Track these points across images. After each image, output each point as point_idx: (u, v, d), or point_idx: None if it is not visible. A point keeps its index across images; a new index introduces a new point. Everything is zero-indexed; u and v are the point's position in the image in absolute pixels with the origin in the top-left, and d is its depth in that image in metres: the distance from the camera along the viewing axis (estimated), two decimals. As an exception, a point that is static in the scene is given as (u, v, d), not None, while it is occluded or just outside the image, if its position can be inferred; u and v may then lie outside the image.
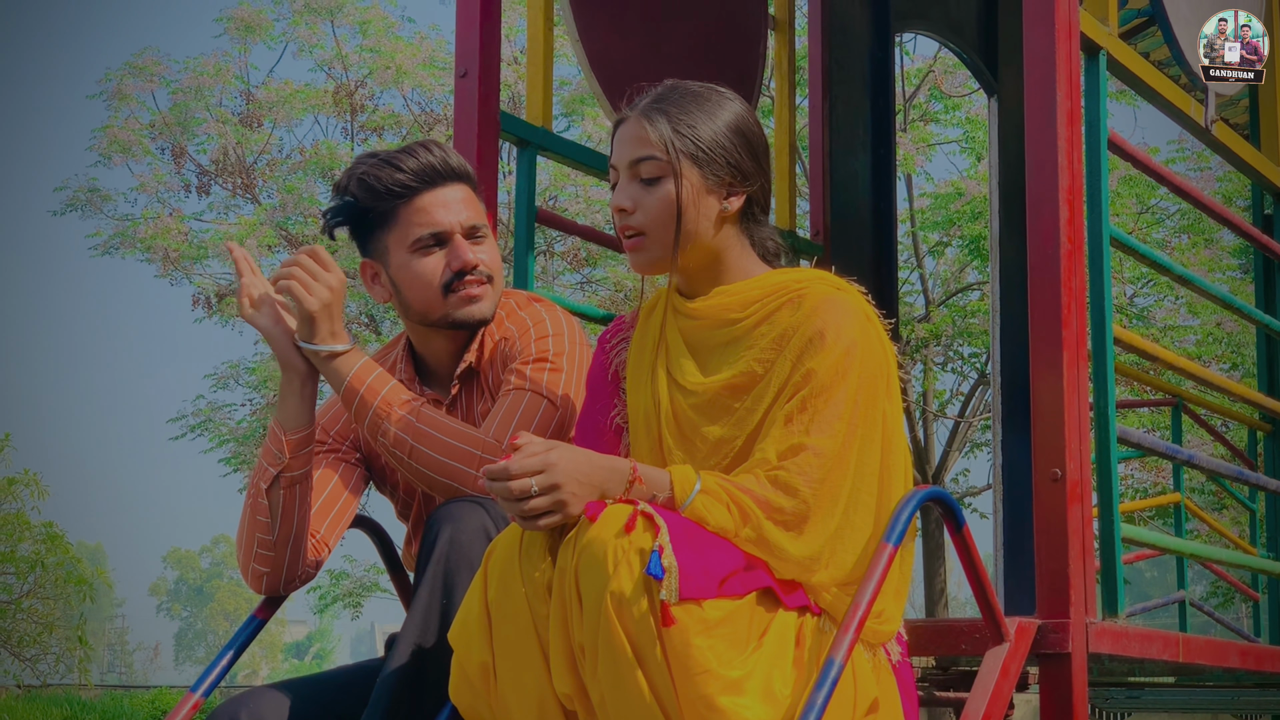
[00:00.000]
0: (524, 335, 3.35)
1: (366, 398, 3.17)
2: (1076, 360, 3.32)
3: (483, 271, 3.35)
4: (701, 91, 2.95)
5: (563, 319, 3.42)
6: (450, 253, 3.34)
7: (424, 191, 3.32)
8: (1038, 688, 3.34)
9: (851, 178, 5.46)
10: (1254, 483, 4.30)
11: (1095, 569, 3.38)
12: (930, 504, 2.86)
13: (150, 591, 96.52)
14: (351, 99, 18.69)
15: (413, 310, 3.38)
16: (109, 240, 18.89)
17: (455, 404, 3.42)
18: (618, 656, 2.57)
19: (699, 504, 2.70)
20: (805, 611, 2.72)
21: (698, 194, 2.88)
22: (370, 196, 3.33)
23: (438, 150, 3.35)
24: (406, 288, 3.36)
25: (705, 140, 2.88)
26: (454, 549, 2.98)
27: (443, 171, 3.34)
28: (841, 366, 2.77)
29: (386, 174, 3.31)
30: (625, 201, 2.92)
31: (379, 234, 3.37)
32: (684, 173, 2.87)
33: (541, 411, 3.23)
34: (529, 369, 3.28)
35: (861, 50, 5.61)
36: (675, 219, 2.88)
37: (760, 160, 2.96)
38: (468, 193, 3.38)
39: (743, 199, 2.93)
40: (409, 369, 3.48)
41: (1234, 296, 4.28)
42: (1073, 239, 3.35)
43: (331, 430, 3.48)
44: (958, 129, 17.18)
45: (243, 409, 19.30)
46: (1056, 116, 3.35)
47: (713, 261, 2.94)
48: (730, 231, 2.94)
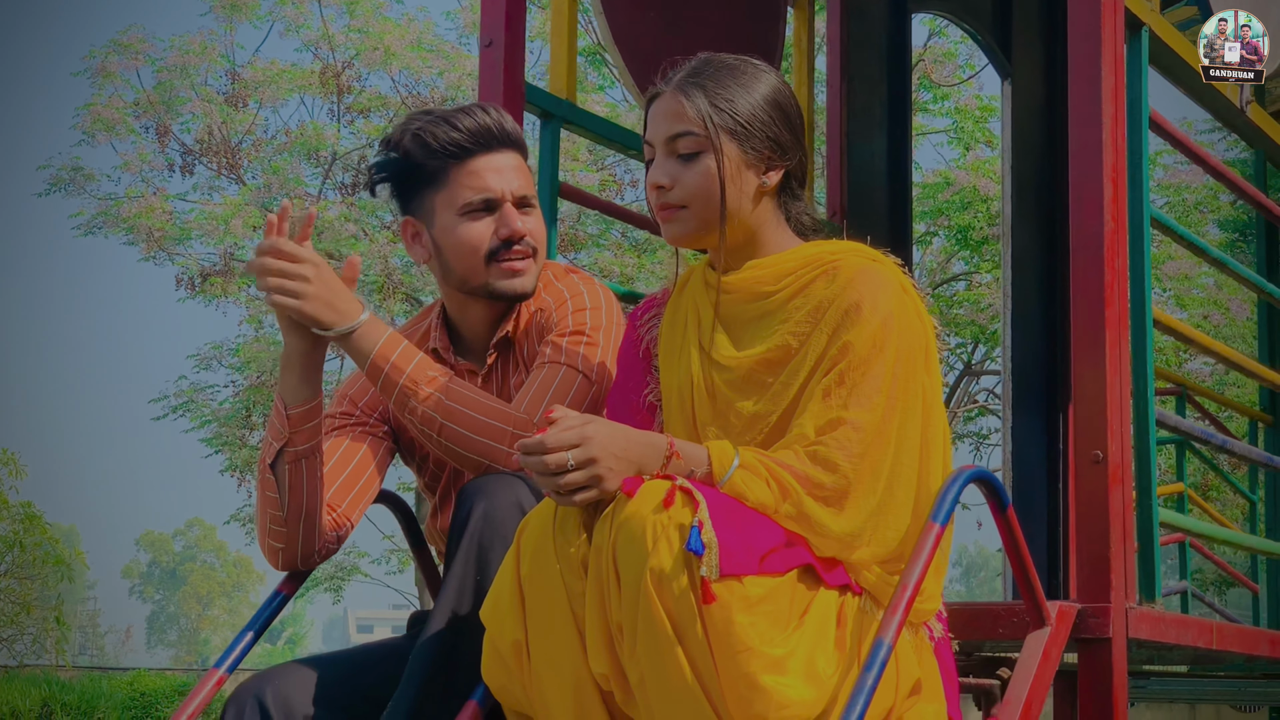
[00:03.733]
0: (560, 307, 3.28)
1: (392, 375, 3.10)
2: (1119, 340, 3.27)
3: (529, 243, 3.28)
4: (737, 64, 2.89)
5: (600, 292, 3.35)
6: (499, 220, 3.26)
7: (478, 154, 3.25)
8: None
9: (869, 157, 5.41)
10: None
11: (1134, 554, 3.33)
12: (975, 484, 2.80)
13: (123, 574, 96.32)
14: (338, 80, 18.63)
15: (453, 275, 3.31)
16: (92, 220, 18.84)
17: (490, 375, 3.36)
18: (657, 634, 2.51)
19: (738, 479, 2.64)
20: (846, 591, 2.67)
21: (737, 169, 2.82)
22: (424, 153, 3.25)
23: (494, 113, 3.28)
24: (450, 251, 3.28)
25: (743, 114, 2.82)
26: (487, 524, 2.91)
27: (498, 135, 3.27)
28: (879, 339, 2.71)
29: (443, 131, 3.23)
30: (663, 178, 2.85)
31: (426, 193, 3.29)
32: (723, 147, 2.81)
33: (576, 386, 3.16)
34: (565, 341, 3.21)
35: (879, 30, 5.56)
36: (714, 195, 2.82)
37: (797, 134, 2.89)
38: (520, 161, 3.31)
39: (781, 173, 2.87)
40: (444, 337, 3.40)
41: (1263, 279, 4.24)
42: (1116, 218, 3.30)
43: (360, 402, 3.40)
44: (947, 119, 17.17)
45: (225, 390, 19.26)
46: (1102, 92, 3.30)
47: (749, 238, 2.88)
48: (768, 206, 2.88)
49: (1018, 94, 5.91)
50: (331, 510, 3.24)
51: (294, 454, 3.10)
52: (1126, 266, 3.37)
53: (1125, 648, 3.23)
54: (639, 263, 16.74)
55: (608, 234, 17.63)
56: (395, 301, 17.16)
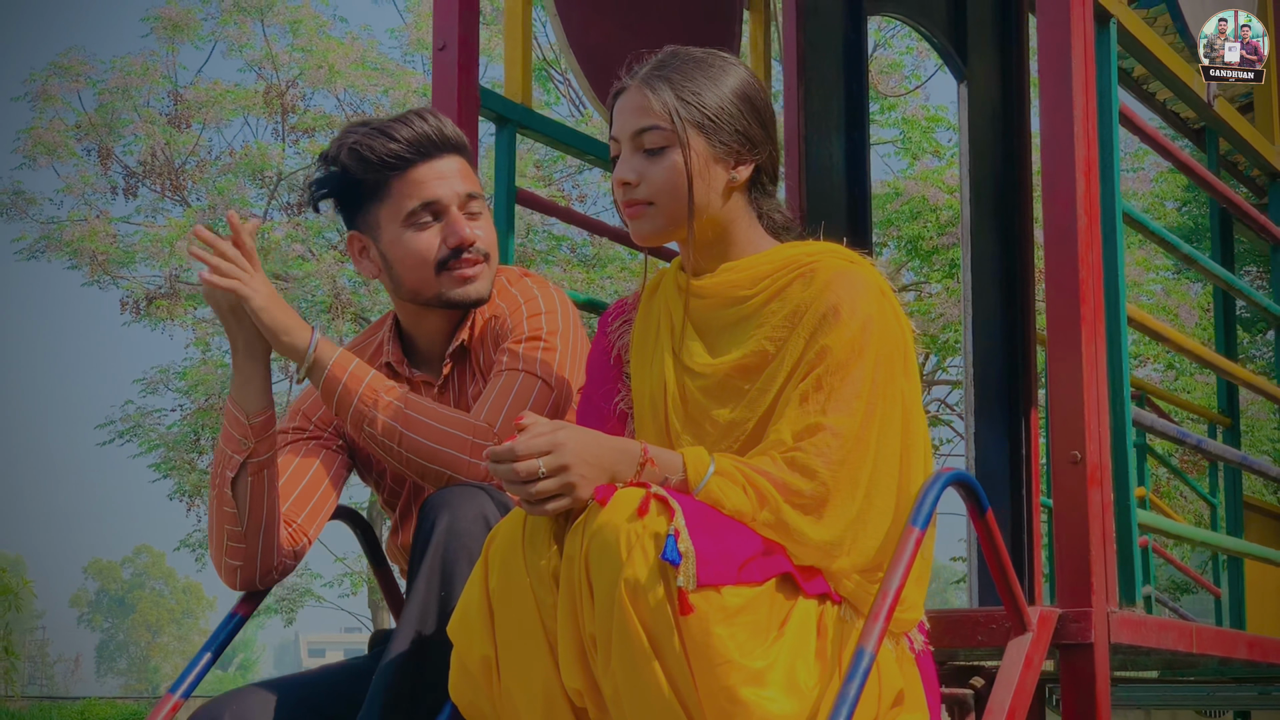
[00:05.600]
0: (515, 312, 3.21)
1: (350, 386, 3.02)
2: (1095, 338, 3.22)
3: (479, 249, 3.21)
4: (704, 57, 2.82)
5: (555, 295, 3.28)
6: (446, 228, 3.19)
7: (418, 163, 3.17)
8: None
9: (827, 160, 5.36)
10: (1256, 468, 4.20)
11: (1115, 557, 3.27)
12: (954, 487, 2.73)
13: (71, 603, 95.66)
14: (282, 99, 18.55)
15: (404, 288, 3.23)
16: (34, 244, 18.73)
17: (447, 385, 3.29)
18: (633, 647, 2.44)
19: (714, 486, 2.57)
20: (825, 599, 2.60)
21: (705, 163, 2.75)
22: (361, 167, 3.17)
23: (432, 119, 3.20)
24: (399, 264, 3.21)
25: (711, 107, 2.75)
26: (452, 537, 2.84)
27: (438, 141, 3.19)
28: (858, 343, 2.65)
29: (379, 143, 3.15)
30: (629, 174, 2.78)
31: (370, 206, 3.21)
32: (690, 141, 2.73)
33: (536, 392, 3.10)
34: (521, 348, 3.14)
35: (835, 32, 5.51)
36: (682, 190, 2.75)
37: (768, 128, 2.83)
38: (463, 164, 3.23)
39: (751, 168, 2.80)
40: (397, 351, 3.33)
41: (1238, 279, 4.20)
42: (1089, 212, 3.24)
43: (313, 416, 3.33)
44: (894, 129, 17.19)
45: (173, 414, 19.12)
46: (1072, 85, 3.24)
47: (719, 235, 2.81)
48: (738, 203, 2.81)
49: (973, 96, 5.87)
50: (289, 524, 3.17)
51: (256, 464, 3.03)
52: (1100, 263, 3.31)
53: (1108, 652, 3.17)
54: (588, 278, 16.68)
55: (557, 250, 17.58)
56: (344, 321, 17.05)
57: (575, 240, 17.37)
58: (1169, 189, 17.58)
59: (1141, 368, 16.61)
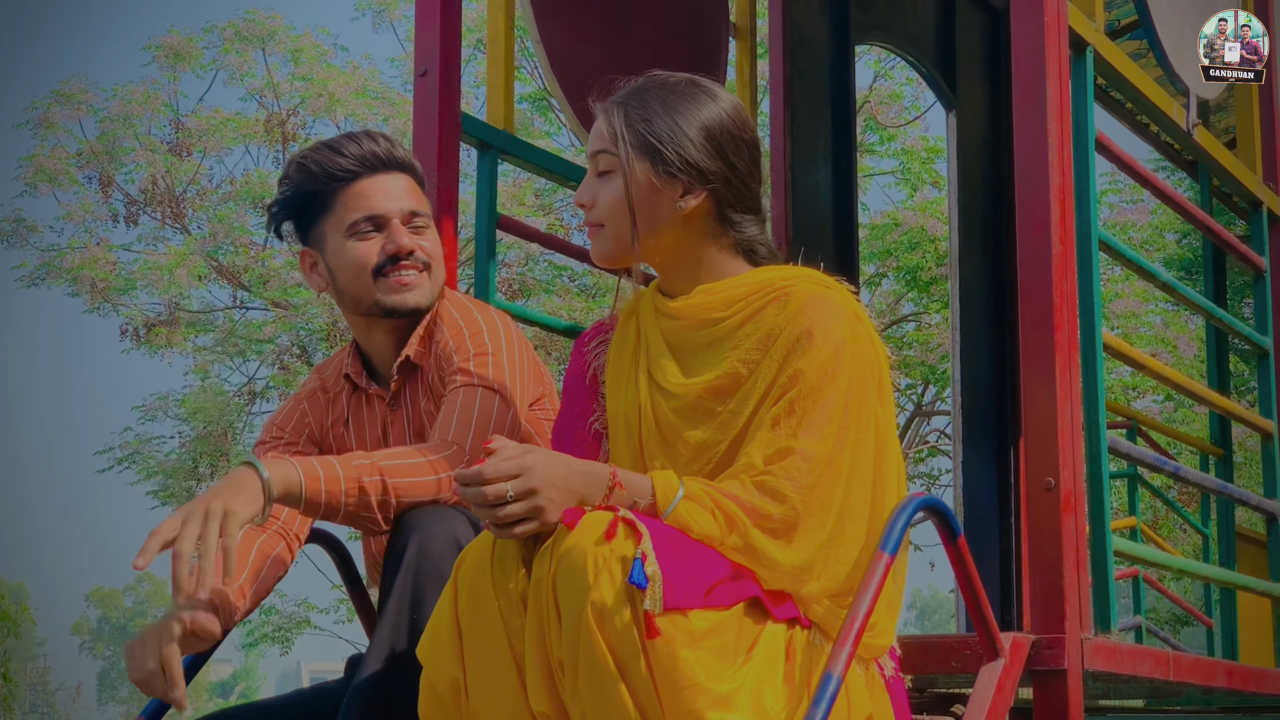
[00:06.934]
0: (457, 334, 3.24)
1: (332, 492, 2.87)
2: (1069, 364, 3.21)
3: (419, 258, 3.26)
4: (676, 85, 2.82)
5: (494, 314, 3.32)
6: (386, 237, 3.24)
7: (364, 177, 3.24)
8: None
9: (813, 189, 5.36)
10: (1238, 498, 4.20)
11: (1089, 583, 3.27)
12: (925, 512, 2.73)
13: (73, 630, 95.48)
14: (283, 128, 18.53)
15: (347, 297, 3.29)
16: (35, 271, 18.66)
17: (398, 399, 3.32)
18: (599, 670, 2.44)
19: (682, 510, 2.57)
20: (795, 624, 2.60)
21: (648, 190, 2.76)
22: (309, 180, 3.24)
23: (382, 140, 3.27)
24: (340, 273, 3.27)
25: (659, 134, 2.75)
26: (423, 559, 2.84)
27: (385, 160, 3.26)
28: (830, 367, 2.64)
29: (326, 157, 3.23)
30: (584, 196, 2.84)
31: (318, 220, 3.28)
32: (632, 167, 2.75)
33: (496, 405, 3.11)
34: (472, 364, 3.16)
35: (822, 61, 5.52)
36: (625, 214, 2.78)
37: (730, 158, 2.78)
38: (410, 183, 3.30)
39: (701, 197, 2.77)
40: (356, 363, 3.38)
41: (1215, 305, 4.20)
42: (1064, 239, 3.24)
43: (287, 427, 3.37)
44: (894, 160, 17.19)
45: (172, 441, 19.07)
46: (1047, 113, 3.25)
47: (682, 259, 2.82)
48: (700, 230, 2.80)
49: (962, 126, 5.88)
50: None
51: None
52: (1075, 289, 3.31)
53: (1081, 679, 3.16)
54: (587, 307, 16.67)
55: (557, 280, 17.57)
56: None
57: (575, 270, 17.37)
58: (1168, 220, 17.56)
59: (1140, 399, 16.58)
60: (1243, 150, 4.56)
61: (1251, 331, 4.37)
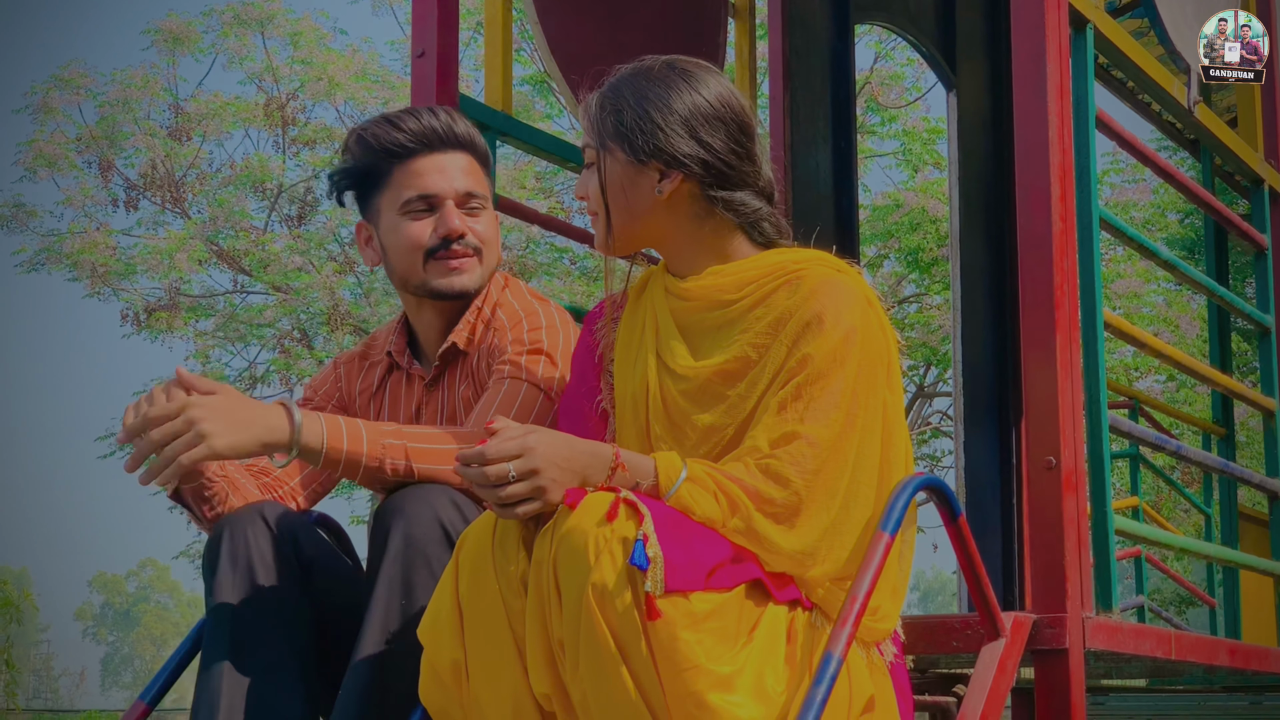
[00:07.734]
0: (515, 326, 3.20)
1: (352, 454, 2.89)
2: (1070, 343, 3.20)
3: (470, 242, 3.23)
4: (650, 70, 2.79)
5: (557, 316, 3.27)
6: (439, 219, 3.22)
7: (421, 154, 3.22)
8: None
9: (813, 170, 5.35)
10: (1240, 477, 4.19)
11: (1090, 563, 3.26)
12: (926, 492, 2.72)
13: (76, 616, 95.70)
14: (283, 112, 18.53)
15: (396, 274, 3.28)
16: (35, 256, 18.70)
17: (436, 383, 3.30)
18: (600, 652, 2.44)
19: (684, 492, 2.56)
20: (796, 606, 2.59)
21: (626, 175, 2.76)
22: (367, 154, 3.23)
23: (443, 115, 3.24)
24: (392, 251, 3.26)
25: (628, 121, 2.74)
26: (408, 546, 2.85)
27: (445, 137, 3.23)
28: (840, 353, 2.62)
29: (384, 131, 3.21)
30: (580, 189, 2.86)
31: (374, 195, 3.27)
32: (607, 154, 2.77)
33: (537, 402, 3.09)
34: (523, 358, 3.14)
35: (821, 42, 5.50)
36: (610, 200, 2.79)
37: (704, 139, 2.74)
38: (470, 162, 3.27)
39: (678, 180, 2.75)
40: (400, 342, 3.37)
41: (1217, 284, 4.19)
42: (1064, 218, 3.23)
43: (320, 390, 3.42)
44: (895, 141, 17.18)
45: (173, 426, 19.04)
46: (1047, 91, 3.24)
47: (678, 241, 2.81)
48: (686, 212, 2.78)
49: (963, 105, 5.87)
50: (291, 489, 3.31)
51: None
52: (1076, 267, 3.30)
53: (1083, 659, 3.16)
54: (589, 290, 16.67)
55: (558, 263, 17.56)
56: (343, 334, 17.03)
57: (576, 253, 17.36)
58: (1170, 199, 17.55)
59: (1142, 379, 16.57)
60: (1244, 128, 4.56)
61: (1253, 310, 4.37)
